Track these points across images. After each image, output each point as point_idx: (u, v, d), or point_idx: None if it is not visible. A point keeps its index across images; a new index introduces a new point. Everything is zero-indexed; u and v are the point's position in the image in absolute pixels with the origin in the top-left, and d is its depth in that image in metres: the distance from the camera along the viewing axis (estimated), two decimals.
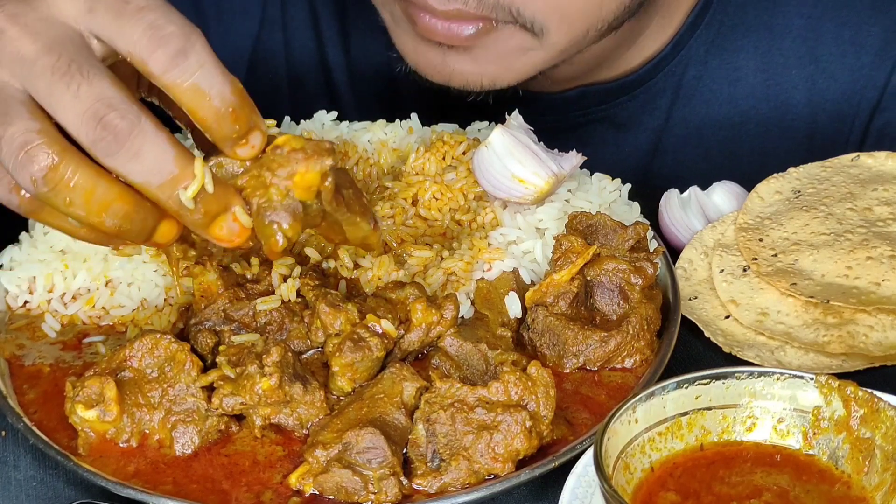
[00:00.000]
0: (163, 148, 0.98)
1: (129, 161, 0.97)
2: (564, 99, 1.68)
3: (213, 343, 1.25)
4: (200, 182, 0.98)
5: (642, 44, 1.64)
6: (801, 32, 1.64)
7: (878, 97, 1.65)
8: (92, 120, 0.95)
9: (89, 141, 0.96)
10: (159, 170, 0.98)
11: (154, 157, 0.97)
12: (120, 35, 0.96)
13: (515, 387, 1.15)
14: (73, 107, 0.96)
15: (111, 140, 0.96)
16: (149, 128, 0.97)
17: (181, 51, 0.96)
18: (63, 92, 0.95)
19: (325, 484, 1.13)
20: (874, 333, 1.31)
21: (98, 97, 0.95)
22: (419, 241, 1.37)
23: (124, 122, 0.95)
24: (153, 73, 0.96)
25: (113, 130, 0.95)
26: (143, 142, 0.96)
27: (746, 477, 1.07)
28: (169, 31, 0.96)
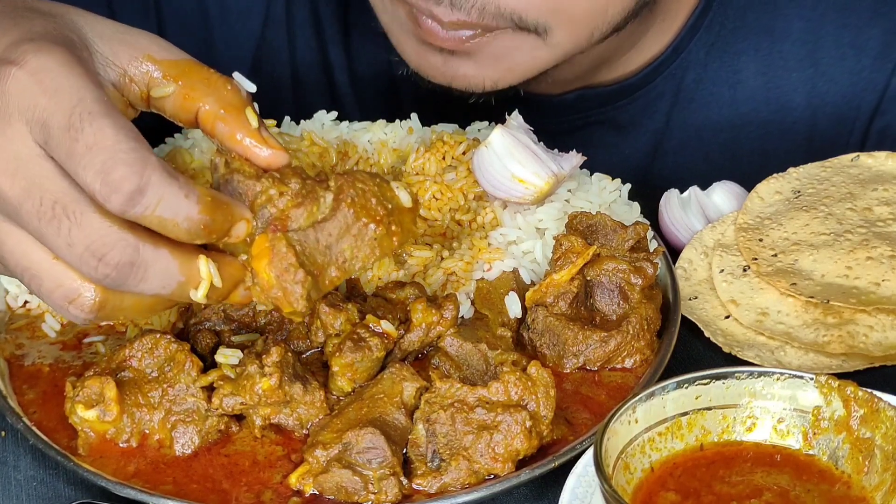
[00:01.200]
0: (165, 264, 0.98)
1: (137, 285, 0.98)
2: (564, 101, 1.68)
3: (213, 343, 1.25)
4: (208, 282, 1.01)
5: (642, 46, 1.64)
6: (801, 35, 1.64)
7: (878, 100, 1.65)
8: (91, 260, 0.95)
9: (95, 279, 0.97)
10: (167, 283, 0.99)
11: (160, 275, 0.98)
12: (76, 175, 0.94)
13: (515, 387, 1.15)
14: (69, 252, 0.95)
15: (115, 276, 0.96)
16: (148, 252, 0.97)
17: (137, 190, 0.94)
18: (55, 237, 0.95)
19: (325, 484, 1.13)
20: (874, 333, 1.31)
21: (91, 239, 0.95)
22: (419, 241, 1.37)
23: (124, 257, 0.96)
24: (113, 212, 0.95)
25: (115, 267, 0.96)
26: (145, 267, 0.97)
27: (746, 477, 1.07)
28: (120, 174, 0.93)
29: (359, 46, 1.77)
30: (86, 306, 0.98)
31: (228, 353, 1.20)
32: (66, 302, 0.98)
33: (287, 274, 1.03)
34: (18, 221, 0.96)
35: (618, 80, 1.67)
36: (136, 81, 1.06)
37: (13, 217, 0.96)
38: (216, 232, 1.00)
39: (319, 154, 1.50)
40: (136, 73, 1.06)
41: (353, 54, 1.78)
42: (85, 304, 0.98)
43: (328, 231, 1.06)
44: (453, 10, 1.38)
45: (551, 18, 1.40)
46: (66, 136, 0.93)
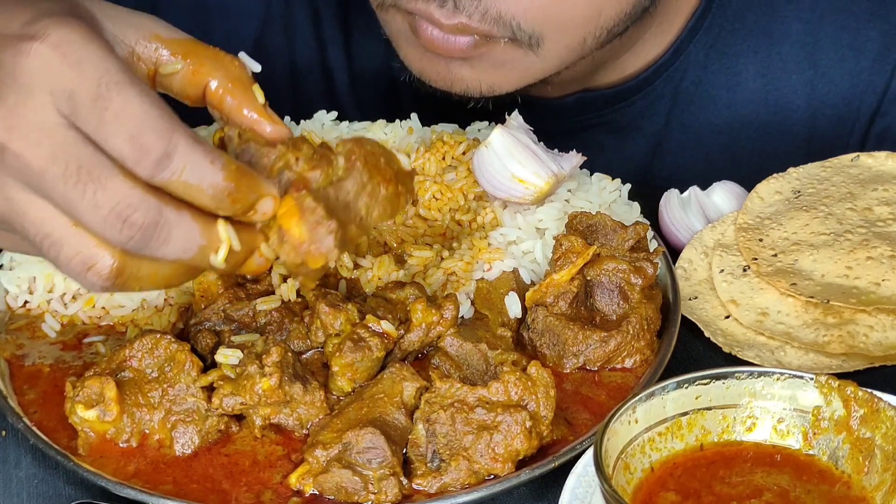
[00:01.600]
0: (187, 227, 1.00)
1: (159, 248, 0.99)
2: (564, 104, 1.68)
3: (213, 343, 1.25)
4: (227, 245, 1.02)
5: (641, 49, 1.64)
6: (800, 37, 1.64)
7: (878, 102, 1.65)
8: (116, 222, 0.97)
9: (118, 242, 0.98)
10: (189, 247, 1.00)
11: (181, 238, 0.99)
12: (105, 143, 0.96)
13: (515, 387, 1.15)
14: (94, 214, 0.97)
15: (139, 237, 0.98)
16: (171, 214, 0.99)
17: (165, 155, 0.96)
18: (80, 201, 0.96)
19: (325, 484, 1.13)
20: (874, 333, 1.31)
21: (116, 200, 0.96)
22: (419, 241, 1.37)
23: (147, 218, 0.97)
24: (141, 177, 0.97)
25: (139, 228, 0.97)
26: (168, 229, 0.98)
27: (746, 477, 1.07)
28: (149, 140, 0.96)
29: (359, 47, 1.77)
30: (104, 273, 0.99)
31: (228, 353, 1.20)
32: (85, 268, 0.99)
33: (319, 226, 1.04)
34: (42, 189, 0.97)
35: (617, 82, 1.67)
36: (143, 60, 1.08)
37: (36, 186, 0.97)
38: (240, 202, 1.01)
39: None
40: (143, 51, 1.07)
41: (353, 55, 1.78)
42: (103, 270, 0.99)
43: (345, 190, 1.07)
44: (455, 12, 1.38)
45: (545, 28, 1.41)
46: (94, 105, 0.95)
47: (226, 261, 1.02)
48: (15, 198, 0.99)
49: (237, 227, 1.03)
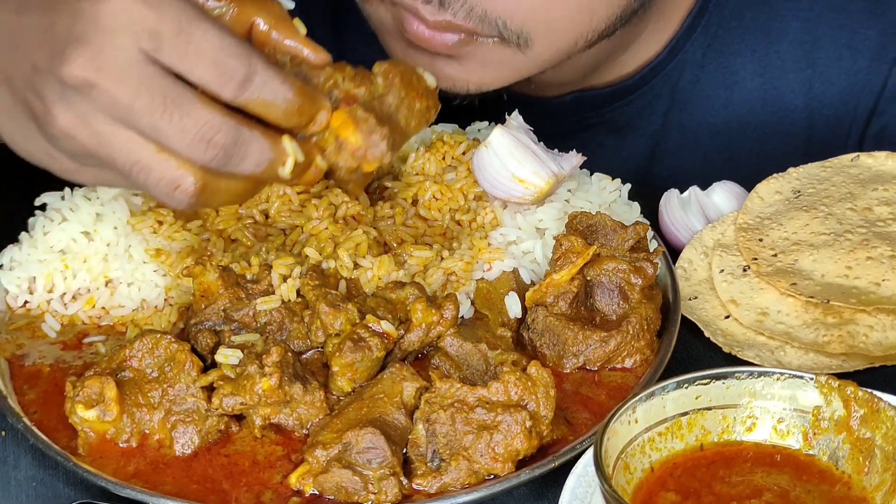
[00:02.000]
0: (260, 143, 1.10)
1: (238, 165, 1.10)
2: (561, 104, 1.68)
3: (213, 343, 1.25)
4: (293, 158, 1.13)
5: (638, 48, 1.64)
6: (797, 36, 1.64)
7: (875, 101, 1.64)
8: (201, 144, 1.07)
9: (203, 161, 1.08)
10: (261, 161, 1.11)
11: (256, 154, 1.10)
12: (190, 73, 1.07)
13: (515, 387, 1.15)
14: (181, 138, 1.07)
15: (222, 156, 1.08)
16: (246, 133, 1.09)
17: (246, 77, 1.08)
18: (167, 127, 1.07)
19: (325, 484, 1.13)
20: (874, 333, 1.31)
21: (200, 124, 1.07)
22: (419, 241, 1.37)
23: (228, 138, 1.08)
24: (225, 98, 1.08)
25: (221, 148, 1.08)
26: (245, 147, 1.09)
27: (746, 477, 1.07)
28: (231, 65, 1.07)
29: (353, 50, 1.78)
30: (189, 191, 1.09)
31: (228, 353, 1.20)
32: (172, 188, 1.09)
33: (373, 133, 1.16)
34: (130, 120, 1.07)
35: (614, 82, 1.67)
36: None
37: (124, 118, 1.07)
38: (305, 115, 1.13)
39: None
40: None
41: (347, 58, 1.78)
42: (188, 188, 1.09)
43: (387, 104, 1.20)
44: (440, 9, 1.38)
45: (533, 28, 1.41)
46: (177, 40, 1.06)
47: (292, 172, 1.13)
48: (104, 131, 1.08)
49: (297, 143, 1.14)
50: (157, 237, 1.37)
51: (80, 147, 1.10)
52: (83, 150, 1.10)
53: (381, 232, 1.36)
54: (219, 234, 1.38)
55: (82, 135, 1.09)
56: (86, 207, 1.38)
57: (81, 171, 1.14)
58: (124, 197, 1.39)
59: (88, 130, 1.08)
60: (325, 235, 1.35)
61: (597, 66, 1.62)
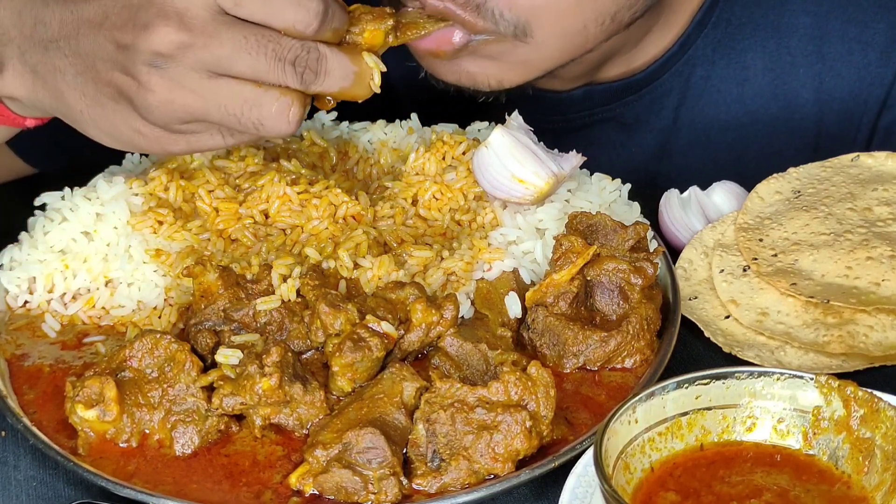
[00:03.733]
0: (341, 60, 1.21)
1: (324, 82, 1.21)
2: (571, 98, 1.68)
3: (213, 343, 1.25)
4: (378, 70, 1.24)
5: (647, 43, 1.64)
6: (807, 31, 1.65)
7: (886, 94, 1.65)
8: (292, 67, 1.18)
9: (294, 81, 1.18)
10: (346, 76, 1.22)
11: (339, 68, 1.21)
12: (273, 18, 1.17)
13: (515, 387, 1.15)
14: (277, 67, 1.17)
15: (310, 73, 1.19)
16: (326, 50, 1.20)
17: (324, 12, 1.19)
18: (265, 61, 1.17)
19: (325, 484, 1.13)
20: (874, 333, 1.31)
21: (288, 50, 1.17)
22: (419, 241, 1.37)
23: (312, 55, 1.19)
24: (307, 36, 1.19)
25: (309, 65, 1.19)
26: (327, 63, 1.20)
27: (746, 477, 1.07)
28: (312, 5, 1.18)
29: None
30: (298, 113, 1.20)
31: (228, 353, 1.20)
32: (286, 114, 1.19)
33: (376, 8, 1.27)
34: (230, 67, 1.16)
35: (623, 76, 1.67)
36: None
37: (223, 68, 1.16)
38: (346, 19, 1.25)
39: (319, 154, 1.50)
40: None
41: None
42: (298, 110, 1.20)
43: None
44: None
45: (532, 17, 1.40)
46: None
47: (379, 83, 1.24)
48: (204, 86, 1.17)
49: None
50: (157, 237, 1.37)
51: (179, 111, 1.18)
52: (183, 114, 1.18)
53: (381, 232, 1.36)
54: (219, 234, 1.38)
55: (182, 96, 1.17)
56: (86, 207, 1.38)
57: (176, 139, 1.22)
58: (124, 197, 1.39)
59: (188, 90, 1.16)
60: (325, 235, 1.35)
61: (606, 59, 1.62)
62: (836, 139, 1.66)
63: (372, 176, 1.49)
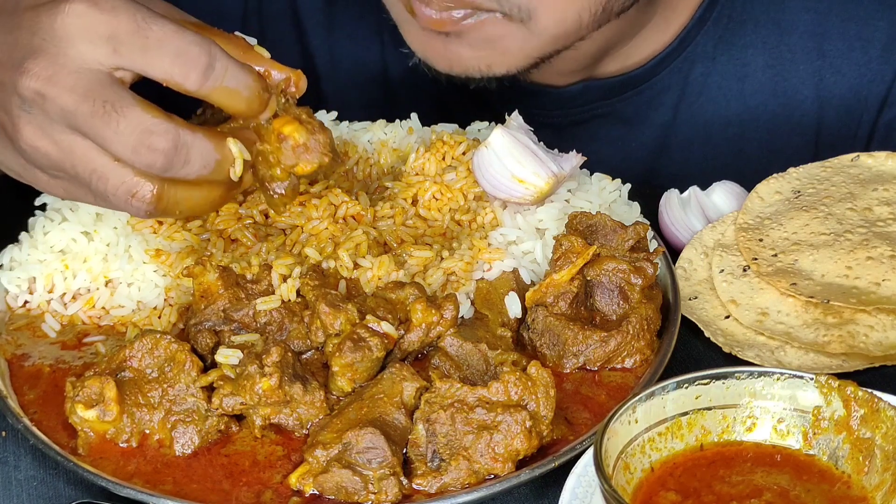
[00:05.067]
0: (203, 146, 1.12)
1: (182, 169, 1.12)
2: (569, 93, 1.68)
3: (213, 343, 1.25)
4: (241, 158, 1.16)
5: (646, 37, 1.64)
6: (808, 28, 1.65)
7: (886, 92, 1.65)
8: (140, 149, 1.09)
9: (143, 166, 1.10)
10: (207, 163, 1.13)
11: (199, 157, 1.12)
12: (151, 67, 1.10)
13: (515, 387, 1.15)
14: (119, 142, 1.09)
15: (162, 160, 1.10)
16: (187, 136, 1.11)
17: (208, 66, 1.10)
18: (106, 131, 1.09)
19: (325, 484, 1.13)
20: (874, 333, 1.31)
21: (136, 128, 1.09)
22: (419, 241, 1.37)
23: (167, 142, 1.10)
24: (190, 90, 1.11)
25: (161, 152, 1.10)
26: (187, 150, 1.11)
27: (746, 477, 1.07)
28: (193, 55, 1.10)
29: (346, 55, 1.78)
30: (146, 198, 1.12)
31: (228, 353, 1.20)
32: (130, 196, 1.11)
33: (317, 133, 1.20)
34: (81, 127, 1.09)
35: (623, 71, 1.67)
36: None
37: (76, 125, 1.09)
38: (263, 103, 1.16)
39: None
40: None
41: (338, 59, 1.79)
42: (145, 196, 1.11)
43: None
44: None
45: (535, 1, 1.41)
46: (135, 38, 1.09)
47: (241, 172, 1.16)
48: (62, 140, 1.11)
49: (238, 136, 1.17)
50: (157, 237, 1.37)
51: (45, 158, 1.12)
52: (49, 162, 1.13)
53: (381, 232, 1.36)
54: (219, 234, 1.38)
55: (44, 145, 1.11)
56: (86, 207, 1.38)
57: (53, 183, 1.16)
58: None
59: (49, 140, 1.11)
60: (325, 235, 1.35)
61: (604, 51, 1.62)
62: (836, 136, 1.67)
63: (372, 176, 1.49)
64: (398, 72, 1.74)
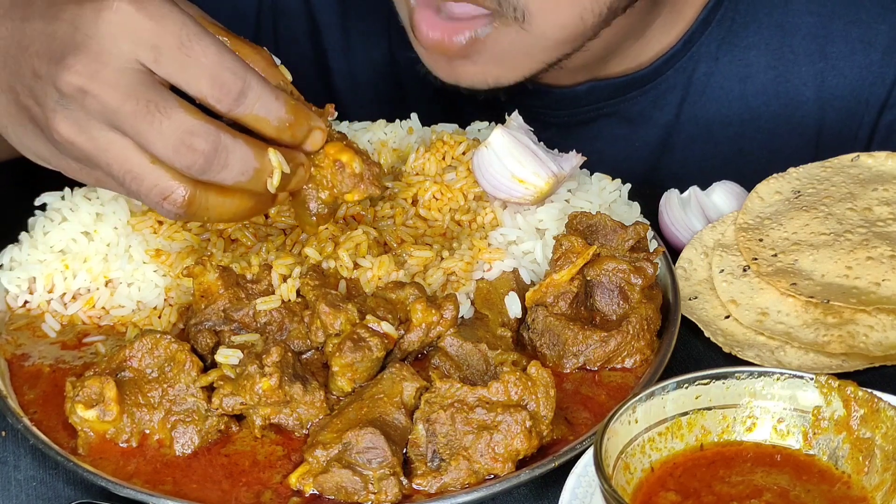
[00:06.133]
0: (243, 152, 1.13)
1: (220, 173, 1.12)
2: (575, 93, 1.69)
3: (213, 343, 1.25)
4: (280, 170, 1.16)
5: (651, 37, 1.65)
6: (811, 30, 1.66)
7: (887, 94, 1.66)
8: (181, 149, 1.10)
9: (183, 167, 1.11)
10: (245, 170, 1.13)
11: (239, 162, 1.13)
12: (187, 85, 1.11)
13: (515, 387, 1.15)
14: (161, 141, 1.10)
15: (202, 162, 1.10)
16: (228, 140, 1.12)
17: (241, 92, 1.11)
18: (149, 131, 1.09)
19: (325, 484, 1.13)
20: (874, 333, 1.31)
21: (179, 128, 1.09)
22: (419, 241, 1.37)
23: (207, 144, 1.10)
24: (220, 112, 1.12)
25: (201, 154, 1.10)
26: (227, 154, 1.12)
27: (746, 477, 1.07)
28: (228, 80, 1.11)
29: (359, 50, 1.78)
30: (178, 201, 1.12)
31: (228, 353, 1.20)
32: (162, 198, 1.12)
33: (371, 165, 1.24)
34: (121, 126, 1.10)
35: (628, 72, 1.68)
36: None
37: (116, 123, 1.10)
38: (298, 132, 1.17)
39: None
40: None
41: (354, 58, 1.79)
42: (177, 199, 1.12)
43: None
44: None
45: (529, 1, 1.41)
46: (177, 53, 1.09)
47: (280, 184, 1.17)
48: (99, 137, 1.11)
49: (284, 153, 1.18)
50: (157, 237, 1.37)
51: (79, 153, 1.12)
52: (83, 156, 1.12)
53: (381, 232, 1.36)
54: (219, 234, 1.38)
55: (80, 141, 1.11)
56: (86, 207, 1.38)
57: (86, 172, 1.16)
58: (124, 197, 1.39)
59: (86, 136, 1.11)
60: (325, 235, 1.35)
61: (610, 50, 1.62)
62: (836, 137, 1.67)
63: None
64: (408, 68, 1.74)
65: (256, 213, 1.20)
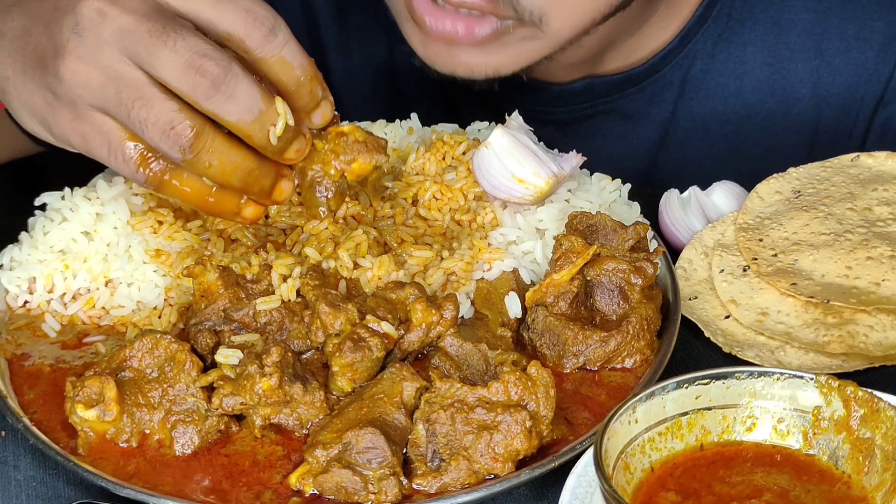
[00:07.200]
0: (251, 88, 1.12)
1: (225, 102, 1.11)
2: (572, 90, 1.69)
3: (213, 343, 1.25)
4: (284, 119, 1.15)
5: (648, 34, 1.65)
6: (807, 27, 1.66)
7: (882, 92, 1.66)
8: (190, 69, 1.10)
9: (189, 88, 1.10)
10: (251, 108, 1.13)
11: (245, 97, 1.12)
12: (220, 20, 1.12)
13: (515, 387, 1.15)
14: (173, 60, 1.10)
15: (209, 85, 1.10)
16: (238, 71, 1.11)
17: (272, 30, 1.12)
18: (162, 49, 1.10)
19: (325, 484, 1.13)
20: (874, 333, 1.31)
21: (192, 49, 1.10)
22: (419, 241, 1.37)
23: (218, 68, 1.10)
24: (250, 48, 1.13)
25: (210, 76, 1.10)
26: (235, 84, 1.11)
27: (746, 477, 1.07)
28: (261, 14, 1.12)
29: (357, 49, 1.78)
30: (185, 133, 1.11)
31: (228, 353, 1.20)
32: (169, 128, 1.11)
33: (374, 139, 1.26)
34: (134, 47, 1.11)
35: (624, 68, 1.68)
36: None
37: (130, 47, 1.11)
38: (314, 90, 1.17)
39: None
40: None
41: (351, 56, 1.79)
42: (185, 131, 1.11)
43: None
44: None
45: (547, 7, 1.41)
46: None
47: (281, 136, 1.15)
48: (112, 64, 1.11)
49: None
50: (157, 237, 1.37)
51: (85, 87, 1.12)
52: (88, 91, 1.13)
53: (381, 232, 1.36)
54: (219, 234, 1.38)
55: (89, 70, 1.12)
56: (86, 207, 1.38)
57: (73, 126, 1.15)
58: (124, 197, 1.39)
59: (95, 65, 1.12)
60: (325, 235, 1.35)
61: (606, 46, 1.63)
62: (832, 134, 1.68)
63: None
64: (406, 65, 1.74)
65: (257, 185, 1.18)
